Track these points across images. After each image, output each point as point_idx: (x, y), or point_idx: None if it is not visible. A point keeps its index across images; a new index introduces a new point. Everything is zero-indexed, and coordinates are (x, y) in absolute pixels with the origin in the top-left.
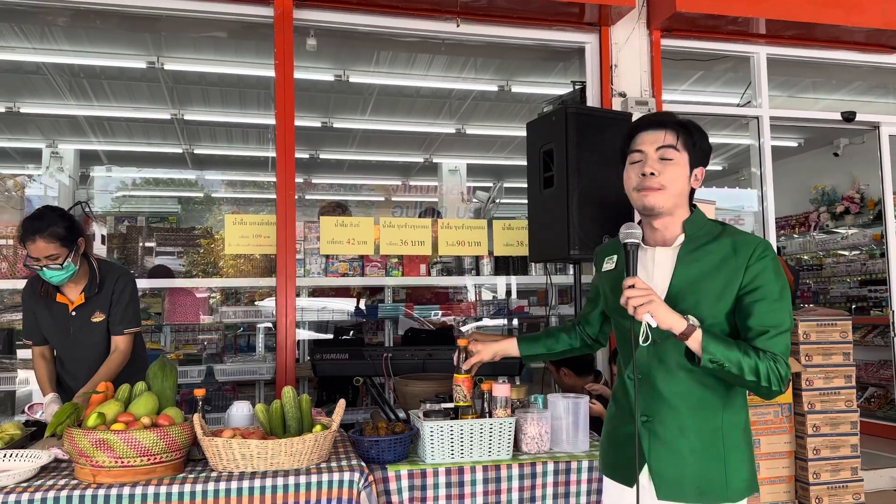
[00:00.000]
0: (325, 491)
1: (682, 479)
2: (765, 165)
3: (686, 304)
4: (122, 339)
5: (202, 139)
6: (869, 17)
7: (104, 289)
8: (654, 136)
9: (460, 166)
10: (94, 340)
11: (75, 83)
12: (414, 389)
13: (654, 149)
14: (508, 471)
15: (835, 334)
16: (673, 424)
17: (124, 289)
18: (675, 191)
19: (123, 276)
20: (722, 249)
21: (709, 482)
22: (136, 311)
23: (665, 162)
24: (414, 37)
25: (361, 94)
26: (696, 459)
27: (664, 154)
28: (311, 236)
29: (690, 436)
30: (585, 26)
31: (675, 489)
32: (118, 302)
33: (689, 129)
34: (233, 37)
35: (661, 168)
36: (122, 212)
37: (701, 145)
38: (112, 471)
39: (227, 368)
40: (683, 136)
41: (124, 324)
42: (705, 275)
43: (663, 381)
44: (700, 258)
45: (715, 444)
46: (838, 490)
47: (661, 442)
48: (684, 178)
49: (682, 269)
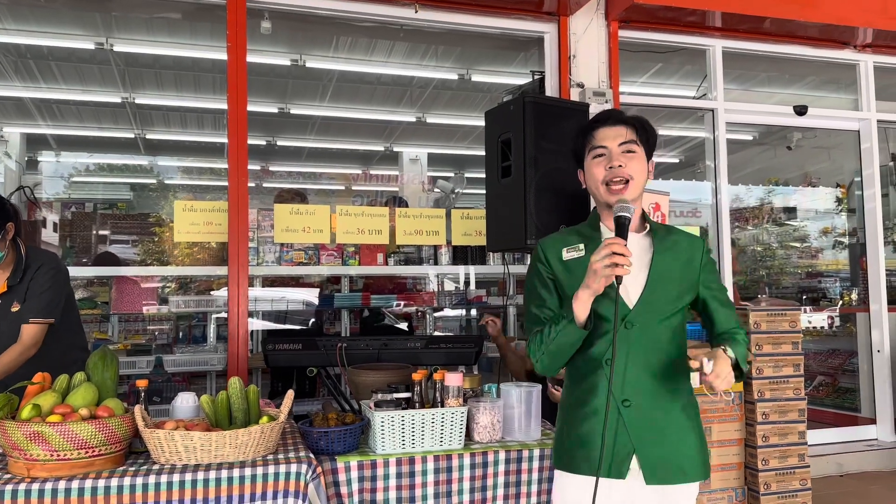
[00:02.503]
0: (270, 483)
1: (668, 460)
2: (719, 158)
3: (663, 288)
4: (27, 329)
5: (155, 124)
6: (822, 12)
7: (25, 278)
8: (615, 132)
9: (421, 156)
10: (14, 330)
11: (21, 64)
12: (367, 379)
13: (616, 144)
14: (460, 460)
15: (784, 324)
16: (652, 406)
17: (41, 277)
18: (640, 182)
19: (46, 263)
20: (682, 242)
21: (689, 460)
22: (50, 301)
23: (629, 155)
24: (372, 22)
25: (320, 80)
26: (676, 439)
27: (628, 148)
28: (265, 224)
29: (668, 415)
30: (544, 16)
31: (663, 472)
32: (32, 289)
33: (643, 125)
34: (187, 18)
35: (626, 161)
36: (70, 199)
37: (651, 140)
38: (47, 464)
39: (177, 359)
40: (640, 132)
41: (32, 313)
42: (675, 264)
43: (641, 364)
44: (670, 247)
45: (688, 421)
46: (786, 476)
47: (643, 425)
48: (644, 171)
49: (660, 256)
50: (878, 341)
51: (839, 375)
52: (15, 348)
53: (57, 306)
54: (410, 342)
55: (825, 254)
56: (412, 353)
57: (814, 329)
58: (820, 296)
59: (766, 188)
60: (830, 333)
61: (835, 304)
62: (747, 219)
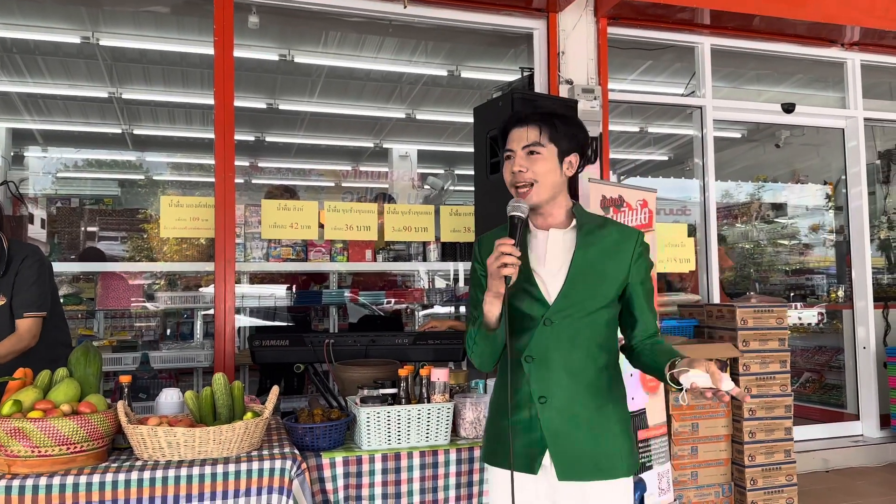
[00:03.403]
0: (255, 479)
1: (581, 457)
2: (707, 156)
3: (585, 284)
4: (23, 323)
5: (143, 119)
6: (810, 10)
7: (9, 270)
8: (519, 134)
9: (411, 152)
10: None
11: (7, 58)
12: (353, 375)
13: (520, 147)
14: (446, 456)
15: (771, 320)
16: (570, 403)
17: (29, 269)
18: (547, 183)
19: (31, 255)
20: (612, 236)
21: (605, 457)
22: (40, 294)
23: (532, 158)
24: (361, 17)
25: (309, 75)
26: (592, 436)
27: (531, 150)
28: (252, 220)
29: (586, 412)
30: (534, 12)
31: (575, 468)
32: (20, 283)
33: (552, 122)
34: (174, 13)
35: (529, 164)
36: (57, 195)
37: (569, 134)
38: (28, 460)
39: (163, 356)
40: (547, 130)
41: (24, 307)
42: (601, 258)
43: (561, 362)
44: (596, 242)
45: (608, 419)
46: (772, 472)
47: (560, 419)
48: (554, 170)
49: (582, 252)
50: (864, 338)
51: (825, 372)
52: (11, 338)
53: (47, 299)
54: (398, 338)
55: (813, 251)
56: (400, 349)
57: (801, 326)
58: (808, 293)
59: (755, 185)
60: (817, 330)
61: (822, 301)
62: (736, 216)
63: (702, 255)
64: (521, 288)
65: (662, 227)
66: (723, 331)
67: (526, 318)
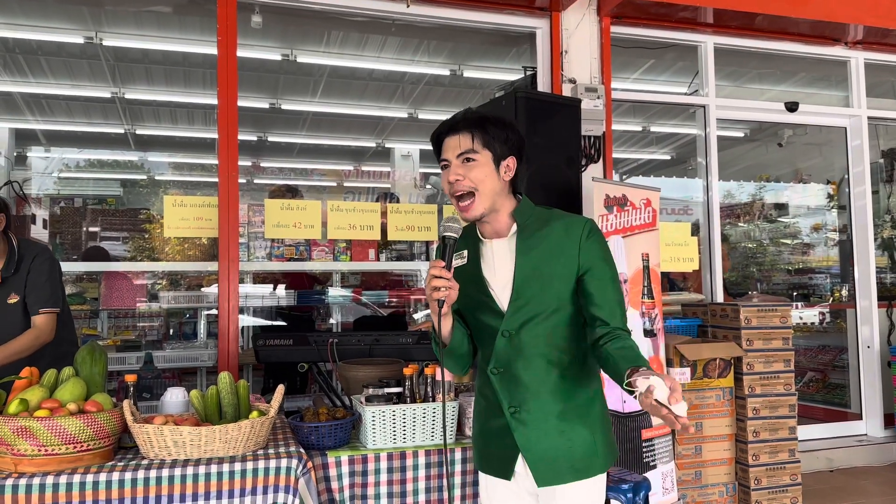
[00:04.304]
0: (261, 478)
1: (557, 461)
2: (710, 155)
3: (532, 290)
4: (40, 318)
5: (145, 119)
6: (814, 8)
7: (21, 269)
8: (453, 142)
9: (413, 152)
10: (10, 321)
11: (10, 58)
12: (357, 374)
13: (454, 155)
14: (452, 455)
15: (775, 320)
16: (539, 410)
17: (40, 267)
18: (485, 190)
19: (40, 254)
20: (555, 232)
21: (581, 458)
22: (53, 290)
23: (468, 165)
24: (364, 16)
25: (312, 75)
26: (565, 439)
27: (466, 157)
28: (256, 220)
29: (556, 418)
30: (536, 11)
31: (553, 473)
32: (33, 281)
33: (484, 127)
34: (177, 12)
35: (465, 172)
36: (60, 195)
37: (501, 138)
38: (35, 459)
39: (167, 355)
40: (479, 136)
41: (40, 303)
42: (545, 260)
43: (523, 371)
44: (537, 244)
45: (579, 420)
46: (776, 471)
47: (531, 429)
48: (491, 175)
49: (522, 258)
50: (868, 337)
51: (829, 371)
52: (29, 333)
53: (59, 295)
54: (402, 337)
55: (816, 250)
56: (404, 348)
57: (804, 325)
58: (811, 292)
59: (758, 184)
60: (821, 329)
61: (825, 301)
62: (739, 215)
63: (705, 254)
64: (480, 300)
65: (665, 227)
66: (726, 330)
67: (488, 330)
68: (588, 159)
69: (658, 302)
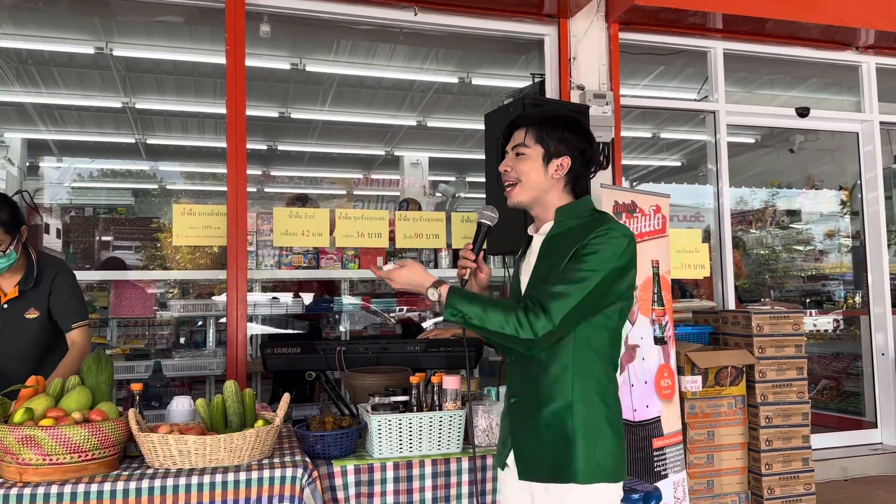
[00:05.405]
0: (266, 487)
1: (538, 459)
2: (721, 161)
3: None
4: (76, 333)
5: (156, 129)
6: (824, 13)
7: (41, 284)
8: (513, 136)
9: (422, 160)
10: (28, 337)
11: (22, 69)
12: (364, 383)
13: (511, 147)
14: (458, 464)
15: (787, 327)
16: (533, 405)
17: (62, 284)
18: (529, 184)
19: (62, 271)
20: (576, 235)
21: (558, 462)
22: (80, 303)
23: (518, 158)
24: (372, 25)
25: (321, 84)
26: (549, 439)
27: (517, 151)
28: (264, 228)
29: (545, 416)
30: (544, 18)
31: (533, 469)
32: (59, 298)
33: (541, 124)
34: (187, 22)
35: (513, 164)
36: (72, 204)
37: (557, 137)
38: (40, 468)
39: (176, 364)
40: (533, 132)
41: (72, 318)
42: (557, 263)
43: (523, 365)
44: (559, 245)
45: (565, 424)
46: (790, 480)
47: (522, 422)
48: (537, 170)
49: (541, 260)
50: (882, 345)
51: (843, 379)
52: (73, 351)
53: (85, 307)
54: (410, 346)
55: (829, 257)
56: (411, 356)
57: (818, 332)
58: (824, 299)
59: (769, 191)
60: (834, 337)
61: (839, 308)
62: (750, 222)
63: (716, 261)
64: (516, 290)
65: (676, 233)
66: (738, 337)
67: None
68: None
69: (668, 309)
